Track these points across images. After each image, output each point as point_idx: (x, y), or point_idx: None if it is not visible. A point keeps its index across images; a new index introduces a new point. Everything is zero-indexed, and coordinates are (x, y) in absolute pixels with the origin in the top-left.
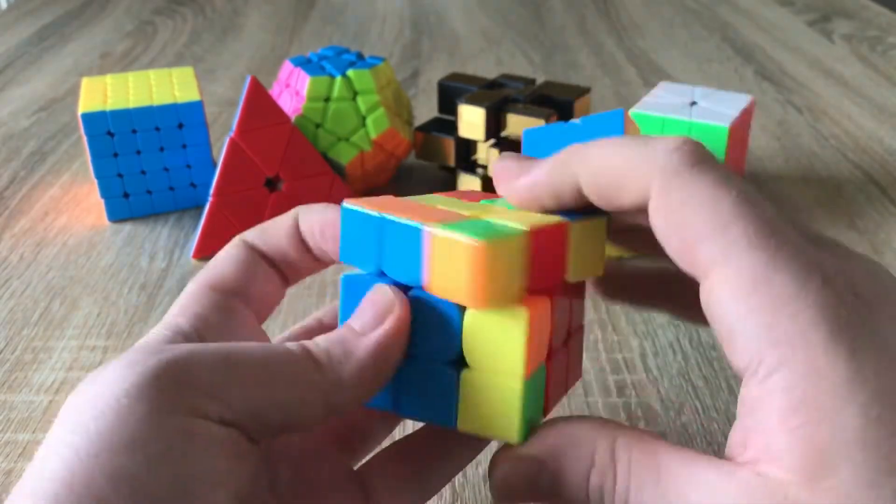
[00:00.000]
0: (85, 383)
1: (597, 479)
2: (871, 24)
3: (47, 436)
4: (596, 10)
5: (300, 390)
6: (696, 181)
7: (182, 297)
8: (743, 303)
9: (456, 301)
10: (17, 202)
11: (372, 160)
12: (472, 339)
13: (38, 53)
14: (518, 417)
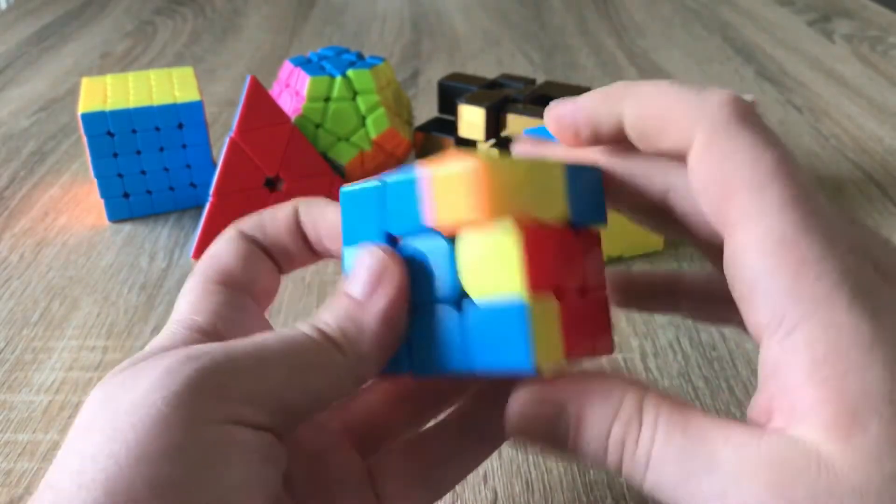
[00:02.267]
0: (116, 387)
1: (620, 430)
2: (872, 24)
3: (75, 440)
4: (596, 10)
5: (329, 376)
6: (741, 136)
7: (189, 293)
8: (769, 259)
9: (464, 228)
10: (17, 202)
11: (372, 160)
12: (468, 267)
13: (38, 53)
14: (527, 341)
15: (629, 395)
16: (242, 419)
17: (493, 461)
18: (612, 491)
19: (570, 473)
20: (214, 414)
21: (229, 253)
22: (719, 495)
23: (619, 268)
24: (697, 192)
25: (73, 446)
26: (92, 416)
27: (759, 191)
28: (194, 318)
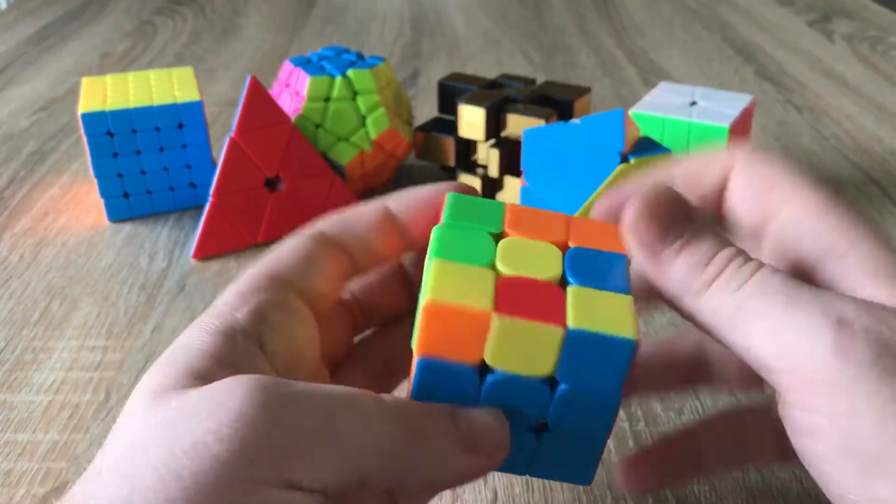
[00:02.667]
0: (175, 415)
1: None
2: (872, 24)
3: (123, 460)
4: (596, 10)
5: (385, 462)
6: (771, 158)
7: (241, 285)
8: (821, 219)
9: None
10: (17, 202)
11: (372, 160)
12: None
13: (38, 53)
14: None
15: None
16: (299, 484)
17: None
18: (611, 491)
19: None
20: (275, 476)
21: (293, 251)
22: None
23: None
24: (737, 202)
25: (120, 467)
26: (144, 437)
27: (791, 179)
28: (236, 316)
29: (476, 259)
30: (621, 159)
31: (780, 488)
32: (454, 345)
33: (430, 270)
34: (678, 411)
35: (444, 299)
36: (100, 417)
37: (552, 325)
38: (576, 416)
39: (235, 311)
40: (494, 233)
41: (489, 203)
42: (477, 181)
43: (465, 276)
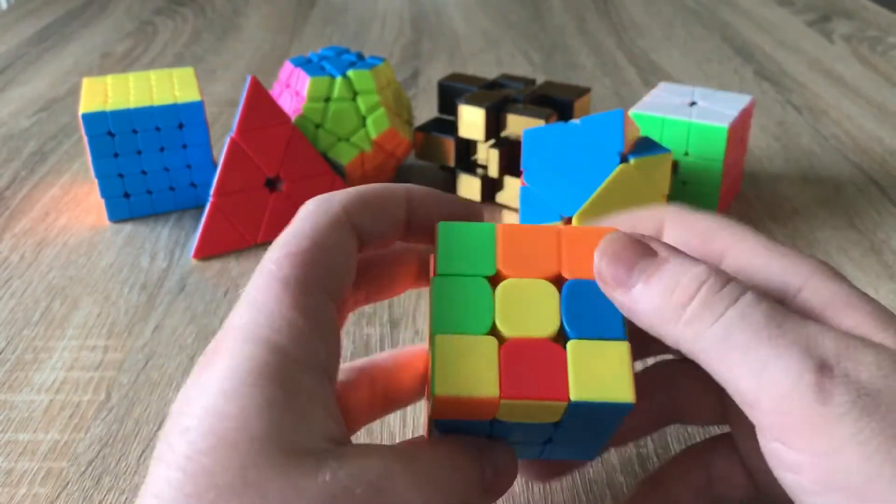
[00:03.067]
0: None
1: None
2: (871, 24)
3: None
4: (596, 11)
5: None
6: (701, 212)
7: (296, 297)
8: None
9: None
10: (18, 202)
11: (372, 160)
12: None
13: (39, 53)
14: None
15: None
16: None
17: None
18: (611, 490)
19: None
20: None
21: (332, 245)
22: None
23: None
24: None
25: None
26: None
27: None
28: (320, 357)
29: (476, 325)
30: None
31: None
32: (467, 413)
33: (434, 350)
34: None
35: (452, 393)
36: (100, 417)
37: (555, 402)
38: (579, 436)
39: (313, 344)
40: (490, 276)
41: (480, 230)
42: (477, 181)
43: (468, 353)
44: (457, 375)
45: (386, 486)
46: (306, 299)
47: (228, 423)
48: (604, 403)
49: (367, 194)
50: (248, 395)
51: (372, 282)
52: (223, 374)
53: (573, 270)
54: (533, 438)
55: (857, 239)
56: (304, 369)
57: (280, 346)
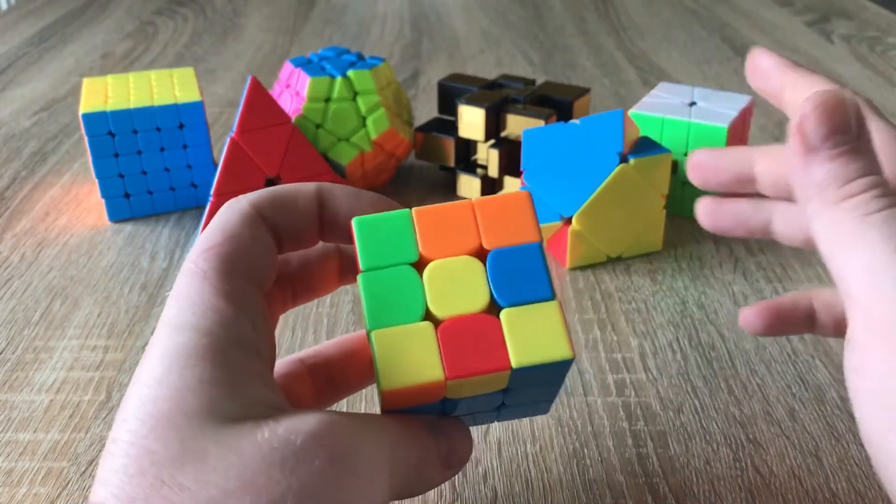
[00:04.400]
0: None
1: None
2: (871, 24)
3: (233, 493)
4: (596, 11)
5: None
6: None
7: (219, 283)
8: None
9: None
10: (18, 202)
11: (372, 160)
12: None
13: (39, 54)
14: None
15: None
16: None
17: (493, 461)
18: (611, 490)
19: (570, 473)
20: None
21: (246, 237)
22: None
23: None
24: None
25: (231, 501)
26: (250, 472)
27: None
28: (247, 333)
29: (409, 313)
30: (620, 159)
31: (779, 487)
32: (417, 399)
33: (374, 347)
34: (677, 410)
35: (398, 384)
36: (101, 417)
37: (499, 372)
38: (530, 396)
39: (239, 324)
40: (414, 262)
41: (396, 218)
42: (477, 181)
43: (407, 343)
44: (400, 366)
45: (327, 433)
46: (225, 286)
47: (163, 405)
48: (545, 364)
49: (276, 192)
50: (179, 377)
51: (297, 282)
52: (155, 363)
53: (493, 240)
54: (486, 407)
55: None
56: (232, 347)
57: (206, 329)
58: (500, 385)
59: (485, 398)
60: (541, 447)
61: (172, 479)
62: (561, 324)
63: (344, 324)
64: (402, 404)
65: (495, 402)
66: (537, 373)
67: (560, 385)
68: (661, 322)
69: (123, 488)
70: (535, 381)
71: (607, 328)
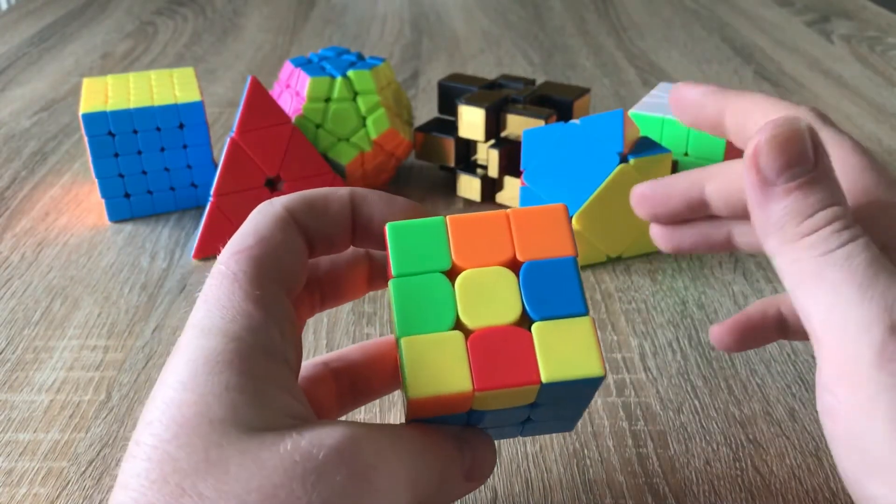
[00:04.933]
0: (297, 462)
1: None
2: (871, 24)
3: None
4: (595, 11)
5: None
6: None
7: (251, 286)
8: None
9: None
10: (18, 202)
11: (372, 160)
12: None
13: (39, 54)
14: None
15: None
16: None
17: None
18: (611, 490)
19: (570, 473)
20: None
21: (278, 240)
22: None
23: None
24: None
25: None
26: (270, 483)
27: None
28: (275, 339)
29: (440, 322)
30: (621, 159)
31: (779, 487)
32: (443, 409)
33: (402, 354)
34: (677, 410)
35: (425, 394)
36: (101, 417)
37: (528, 386)
38: (557, 412)
39: (268, 330)
40: (446, 270)
41: (430, 225)
42: (477, 181)
43: (436, 352)
44: (428, 375)
45: (349, 448)
46: (256, 290)
47: (188, 410)
48: (576, 381)
49: (309, 195)
50: (205, 383)
51: (325, 286)
52: (181, 367)
53: (527, 252)
54: (511, 420)
55: None
56: (259, 354)
57: (234, 335)
58: (528, 399)
59: (511, 412)
60: (541, 447)
61: (193, 488)
62: (593, 340)
63: (344, 324)
64: (427, 414)
65: (521, 417)
66: (567, 388)
67: (588, 402)
68: (661, 322)
69: (144, 493)
70: (563, 397)
71: (607, 328)
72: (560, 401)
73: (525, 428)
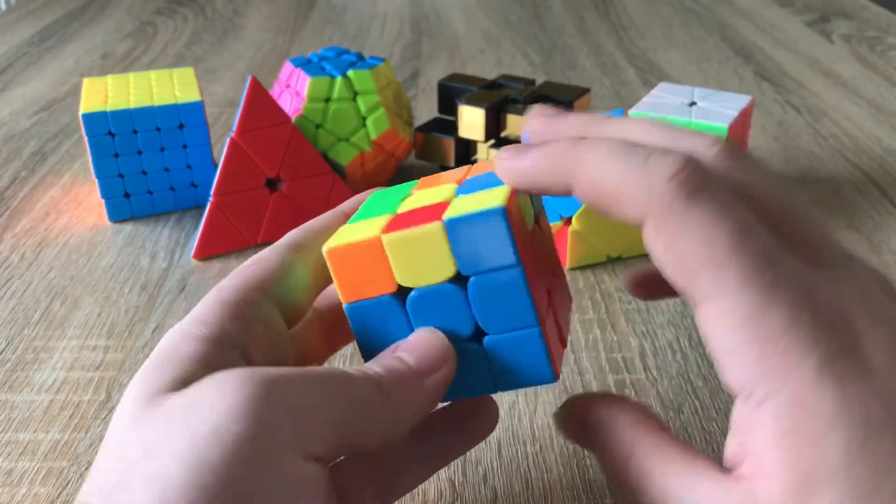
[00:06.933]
0: (183, 410)
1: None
2: (871, 24)
3: (141, 461)
4: (595, 11)
5: (369, 423)
6: (692, 214)
7: (224, 293)
8: (737, 335)
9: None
10: (18, 202)
11: (372, 160)
12: (481, 307)
13: (39, 54)
14: (546, 358)
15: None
16: (312, 453)
17: (493, 461)
18: (611, 490)
19: (570, 473)
20: (293, 447)
21: (271, 261)
22: None
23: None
24: (659, 266)
25: (141, 468)
26: (157, 435)
27: (716, 270)
28: (224, 327)
29: (382, 211)
30: None
31: None
32: (368, 283)
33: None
34: (677, 411)
35: (339, 243)
36: (101, 417)
37: (431, 224)
38: (498, 309)
39: (223, 321)
40: (407, 195)
41: (405, 185)
42: None
43: (364, 224)
44: (347, 235)
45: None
46: (230, 296)
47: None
48: (477, 214)
49: (311, 222)
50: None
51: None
52: None
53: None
54: (460, 333)
55: (857, 239)
56: (188, 338)
57: (183, 330)
58: (447, 260)
59: (451, 310)
60: (541, 447)
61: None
62: (502, 192)
63: None
64: (355, 286)
65: (466, 320)
66: (478, 236)
67: (528, 302)
68: (661, 322)
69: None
70: (485, 260)
71: (607, 328)
72: (491, 287)
73: (490, 364)
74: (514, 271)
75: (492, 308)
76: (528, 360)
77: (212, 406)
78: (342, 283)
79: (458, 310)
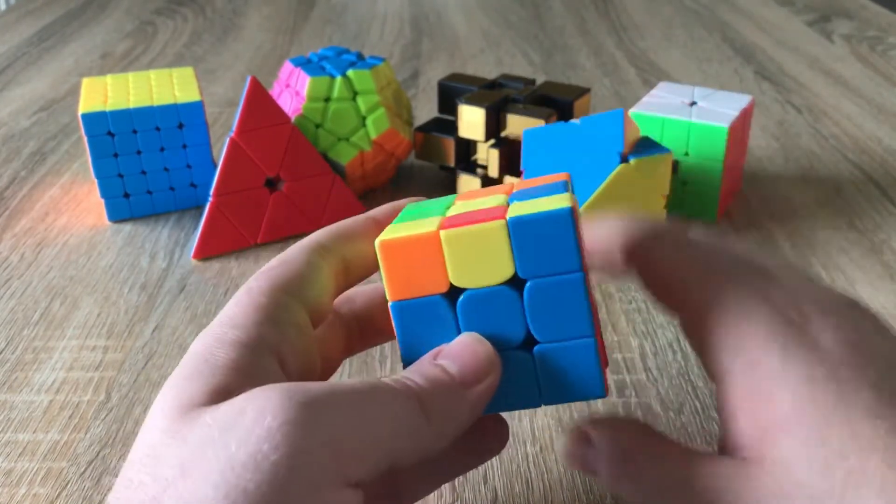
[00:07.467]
0: (219, 430)
1: None
2: (871, 24)
3: (174, 482)
4: (596, 11)
5: (411, 441)
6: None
7: (256, 296)
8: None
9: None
10: (18, 202)
11: (372, 160)
12: (536, 313)
13: (39, 54)
14: (598, 372)
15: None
16: (352, 479)
17: (493, 461)
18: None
19: (570, 473)
20: (333, 475)
21: (299, 261)
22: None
23: None
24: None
25: (176, 489)
26: (193, 456)
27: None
28: (260, 332)
29: (430, 214)
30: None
31: None
32: (418, 281)
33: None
34: (678, 411)
35: (394, 236)
36: (100, 417)
37: (493, 222)
38: (554, 316)
39: (258, 325)
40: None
41: (444, 198)
42: (477, 181)
43: (414, 223)
44: (401, 230)
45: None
46: (262, 298)
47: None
48: (542, 216)
49: (336, 224)
50: (174, 379)
51: (364, 321)
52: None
53: (524, 186)
54: (509, 340)
55: (857, 239)
56: (227, 345)
57: (218, 334)
58: (505, 260)
59: (503, 315)
60: (541, 447)
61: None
62: (565, 196)
63: None
64: (405, 283)
65: (518, 326)
66: (541, 237)
67: (586, 311)
68: (661, 322)
69: (121, 492)
70: (546, 263)
71: (608, 328)
72: (549, 292)
73: (540, 379)
74: (575, 277)
75: (548, 314)
76: (579, 371)
77: (249, 430)
78: (392, 279)
79: (511, 315)
